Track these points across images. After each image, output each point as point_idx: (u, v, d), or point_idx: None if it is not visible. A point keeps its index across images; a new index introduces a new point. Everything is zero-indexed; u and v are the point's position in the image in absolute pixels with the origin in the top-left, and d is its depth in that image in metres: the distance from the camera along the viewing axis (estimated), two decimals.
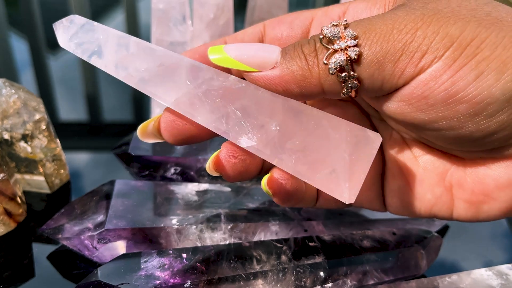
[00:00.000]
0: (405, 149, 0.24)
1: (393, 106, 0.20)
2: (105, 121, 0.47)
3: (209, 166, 0.23)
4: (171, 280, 0.26)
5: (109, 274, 0.26)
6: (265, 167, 0.23)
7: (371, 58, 0.19)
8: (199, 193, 0.31)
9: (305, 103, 0.24)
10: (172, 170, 0.33)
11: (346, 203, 0.20)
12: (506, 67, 0.18)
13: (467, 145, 0.21)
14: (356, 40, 0.19)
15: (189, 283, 0.25)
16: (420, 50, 0.18)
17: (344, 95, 0.20)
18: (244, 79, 0.22)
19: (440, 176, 0.23)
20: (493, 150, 0.21)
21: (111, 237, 0.28)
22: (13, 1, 0.75)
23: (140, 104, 0.50)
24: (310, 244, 0.28)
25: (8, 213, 0.30)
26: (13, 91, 0.31)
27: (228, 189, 0.32)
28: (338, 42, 0.19)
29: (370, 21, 0.19)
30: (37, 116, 0.32)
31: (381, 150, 0.25)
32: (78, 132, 0.44)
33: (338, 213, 0.32)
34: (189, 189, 0.32)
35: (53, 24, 0.24)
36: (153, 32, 0.37)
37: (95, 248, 0.28)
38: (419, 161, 0.24)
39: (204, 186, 0.32)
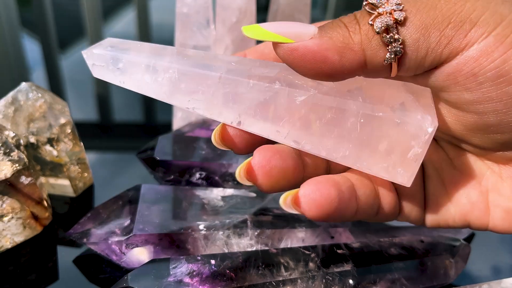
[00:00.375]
0: (440, 151, 0.24)
1: (436, 83, 0.20)
2: (116, 122, 0.47)
3: (239, 173, 0.21)
4: (200, 287, 0.26)
5: (139, 280, 0.25)
6: (307, 175, 0.22)
7: (418, 22, 0.18)
8: (225, 198, 0.31)
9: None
10: (197, 175, 0.33)
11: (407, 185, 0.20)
12: None
13: (507, 135, 0.20)
14: (402, 5, 0.18)
15: None
16: (469, 21, 0.18)
17: (387, 62, 0.19)
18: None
19: (476, 179, 0.22)
20: None
21: (139, 242, 0.28)
22: (25, 2, 0.75)
23: (151, 105, 0.50)
24: (338, 251, 0.28)
25: (35, 217, 0.31)
26: (39, 95, 0.31)
27: (254, 194, 0.32)
28: (383, 6, 0.18)
29: None
30: (63, 120, 0.32)
31: None
32: (88, 133, 0.44)
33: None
34: (214, 194, 0.31)
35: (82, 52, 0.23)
36: (177, 36, 0.37)
37: (123, 253, 0.28)
38: (454, 163, 0.23)
39: (229, 191, 0.32)
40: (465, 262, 0.30)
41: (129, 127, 0.47)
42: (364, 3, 0.19)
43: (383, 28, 0.18)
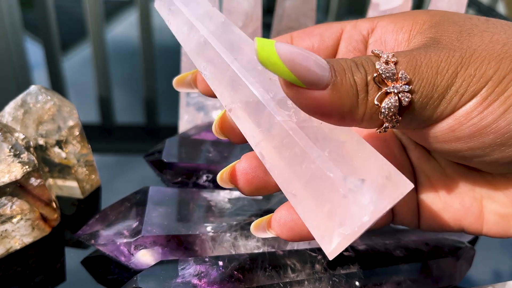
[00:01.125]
0: (432, 161, 0.25)
1: (419, 136, 0.21)
2: (119, 124, 0.47)
3: (222, 175, 0.23)
4: None
5: (149, 281, 0.26)
6: None
7: (418, 105, 0.19)
8: (232, 200, 0.32)
9: None
10: (204, 177, 0.33)
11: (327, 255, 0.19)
12: None
13: (493, 168, 0.21)
14: (410, 86, 0.19)
15: None
16: (458, 94, 0.19)
17: (380, 132, 0.20)
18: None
19: (469, 187, 0.23)
20: None
21: (147, 243, 0.29)
22: (28, 5, 0.76)
23: (155, 107, 0.50)
24: (345, 253, 0.29)
25: (44, 218, 0.31)
26: (48, 97, 0.32)
27: (260, 197, 0.32)
28: (392, 84, 0.19)
29: (417, 60, 0.19)
30: (71, 123, 0.32)
31: (411, 164, 0.25)
32: (91, 135, 0.44)
33: None
34: (221, 197, 0.32)
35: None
36: None
37: (131, 254, 0.29)
38: (446, 172, 0.24)
39: (236, 193, 0.32)
40: (470, 264, 0.30)
41: (132, 129, 0.47)
42: (374, 75, 0.19)
43: (387, 113, 0.19)
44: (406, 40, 0.22)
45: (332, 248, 0.19)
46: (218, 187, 0.34)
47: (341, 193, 0.18)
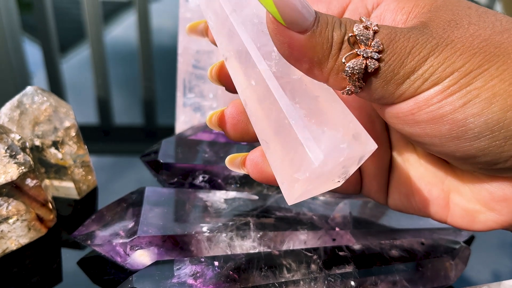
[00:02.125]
0: (410, 147, 0.25)
1: (384, 114, 0.22)
2: (117, 125, 0.47)
3: (211, 118, 0.24)
4: None
5: (144, 281, 0.26)
6: None
7: (382, 76, 0.20)
8: (228, 200, 0.32)
9: None
10: (200, 178, 0.33)
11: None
12: (496, 99, 0.19)
13: (453, 161, 0.22)
14: (380, 55, 0.19)
15: None
16: (422, 78, 0.19)
17: (343, 93, 0.20)
18: None
19: (439, 179, 0.24)
20: (482, 170, 0.21)
21: (143, 244, 0.29)
22: (27, 6, 0.76)
23: (152, 109, 0.50)
24: (340, 253, 0.29)
25: (40, 219, 0.31)
26: (44, 98, 0.32)
27: (256, 197, 0.32)
28: (364, 48, 0.19)
29: (396, 36, 0.20)
30: (68, 123, 0.32)
31: (390, 144, 0.26)
32: (89, 136, 0.44)
33: (366, 222, 0.32)
34: (217, 197, 0.32)
35: None
36: (180, 40, 0.37)
37: (127, 254, 0.29)
38: (421, 160, 0.25)
39: (232, 194, 0.32)
40: (465, 264, 0.30)
41: (130, 131, 0.47)
42: (350, 34, 0.19)
43: (350, 73, 0.19)
44: (403, 22, 0.22)
45: (289, 193, 0.21)
46: (214, 187, 0.34)
47: (299, 142, 0.19)
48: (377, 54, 0.19)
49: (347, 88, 0.20)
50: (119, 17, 0.76)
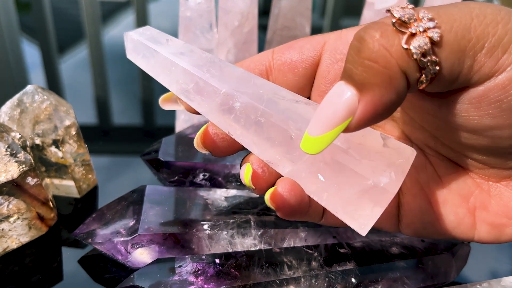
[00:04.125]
0: (429, 168, 0.23)
1: (455, 107, 0.19)
2: (116, 125, 0.47)
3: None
4: (205, 286, 0.26)
5: (145, 278, 0.26)
6: None
7: (454, 45, 0.17)
8: (228, 198, 0.32)
9: None
10: (201, 176, 0.33)
11: (362, 234, 0.20)
12: None
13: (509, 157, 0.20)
14: (435, 21, 0.17)
15: None
16: (502, 47, 0.17)
17: (420, 85, 0.18)
18: None
19: (464, 197, 0.23)
20: None
21: (144, 242, 0.29)
22: (25, 7, 0.76)
23: (151, 108, 0.50)
24: (341, 250, 0.29)
25: (41, 218, 0.31)
26: (45, 97, 0.32)
27: (256, 195, 0.33)
28: (415, 24, 0.17)
29: (442, 8, 0.18)
30: (68, 122, 0.32)
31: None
32: (89, 136, 0.44)
33: None
34: (218, 195, 0.32)
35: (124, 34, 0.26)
36: (180, 39, 0.37)
37: (128, 252, 0.29)
38: (443, 181, 0.23)
39: (232, 192, 0.32)
40: (465, 261, 0.30)
41: (130, 130, 0.47)
42: (392, 20, 0.17)
43: (420, 53, 0.17)
44: None
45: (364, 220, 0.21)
46: (214, 185, 0.34)
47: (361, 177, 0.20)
48: (431, 22, 0.17)
49: (424, 75, 0.17)
50: (118, 17, 0.76)
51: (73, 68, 0.58)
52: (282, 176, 0.23)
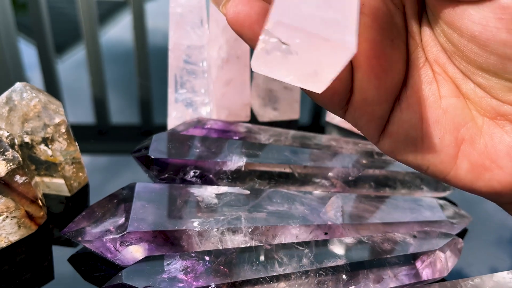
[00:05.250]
0: (433, 84, 0.22)
1: (476, 15, 0.18)
2: (112, 124, 0.47)
3: None
4: (194, 283, 0.26)
5: (134, 276, 0.26)
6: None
7: None
8: (219, 195, 0.32)
9: None
10: (192, 173, 0.33)
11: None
12: None
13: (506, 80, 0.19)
14: None
15: (213, 286, 0.26)
16: None
17: None
18: None
19: (456, 125, 0.21)
20: None
21: (133, 239, 0.28)
22: (22, 6, 0.76)
23: (147, 107, 0.50)
24: (332, 247, 0.28)
25: (30, 216, 0.31)
26: (33, 94, 0.32)
27: (247, 191, 0.32)
28: None
29: None
30: (57, 120, 0.32)
31: (406, 75, 0.22)
32: (85, 136, 0.44)
33: (358, 215, 0.32)
34: (208, 192, 0.32)
35: None
36: (171, 35, 0.37)
37: (118, 250, 0.28)
38: (442, 102, 0.22)
39: (223, 189, 0.32)
40: (458, 257, 0.30)
41: (125, 130, 0.47)
42: None
43: None
44: None
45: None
46: (205, 183, 0.34)
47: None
48: None
49: None
50: (115, 17, 0.76)
51: (70, 68, 0.58)
52: None
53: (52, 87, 0.53)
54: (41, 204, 0.31)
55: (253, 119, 0.46)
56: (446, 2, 0.19)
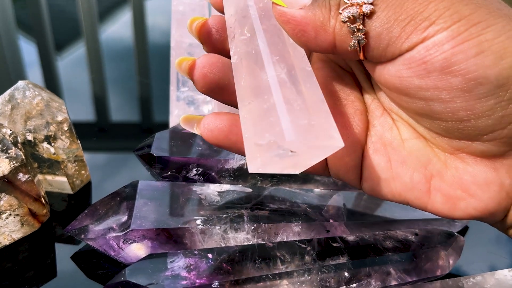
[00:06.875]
0: (394, 130, 0.24)
1: (392, 70, 0.21)
2: (113, 122, 0.47)
3: (181, 64, 0.25)
4: (198, 281, 0.26)
5: (137, 274, 0.26)
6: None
7: (384, 18, 0.20)
8: (221, 193, 0.32)
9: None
10: (194, 171, 0.33)
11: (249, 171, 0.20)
12: (506, 54, 0.18)
13: (451, 125, 0.21)
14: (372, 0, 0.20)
15: (216, 283, 0.26)
16: (428, 19, 0.19)
17: (351, 48, 0.21)
18: None
19: (422, 163, 0.23)
20: (472, 140, 0.21)
21: (136, 237, 0.28)
22: (21, 3, 0.75)
23: (147, 105, 0.50)
24: (334, 244, 0.29)
25: (33, 214, 0.31)
26: (36, 92, 0.32)
27: (250, 190, 0.32)
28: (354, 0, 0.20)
29: None
30: (60, 118, 0.32)
31: (368, 124, 0.25)
32: (86, 133, 0.44)
33: (360, 213, 0.32)
34: (211, 190, 0.32)
35: None
36: (173, 33, 0.37)
37: (121, 248, 0.28)
38: (405, 144, 0.24)
39: (225, 186, 0.32)
40: (459, 254, 0.30)
41: (126, 127, 0.47)
42: None
43: (348, 18, 0.21)
44: None
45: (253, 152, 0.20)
46: (208, 180, 0.34)
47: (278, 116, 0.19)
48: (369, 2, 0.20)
49: (352, 42, 0.21)
50: (115, 14, 0.76)
51: (70, 65, 0.58)
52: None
53: (52, 84, 0.53)
54: (44, 202, 0.32)
55: None
56: (372, 63, 0.22)
